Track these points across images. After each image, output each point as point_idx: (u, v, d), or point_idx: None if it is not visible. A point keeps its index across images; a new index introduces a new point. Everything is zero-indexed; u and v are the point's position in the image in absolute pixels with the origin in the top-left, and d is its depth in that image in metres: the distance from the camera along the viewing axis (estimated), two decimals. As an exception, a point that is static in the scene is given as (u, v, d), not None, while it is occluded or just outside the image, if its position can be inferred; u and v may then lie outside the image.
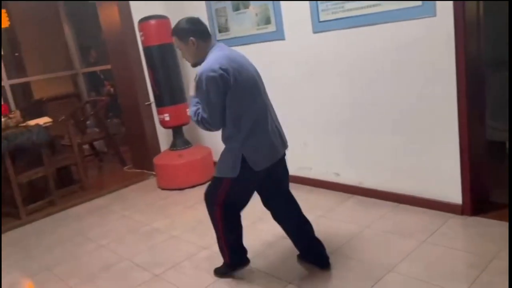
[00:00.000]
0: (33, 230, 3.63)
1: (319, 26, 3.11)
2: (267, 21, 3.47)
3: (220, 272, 2.46)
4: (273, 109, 2.28)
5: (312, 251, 2.42)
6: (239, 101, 2.06)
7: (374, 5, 2.75)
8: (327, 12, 3.03)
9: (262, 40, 3.58)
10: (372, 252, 2.48)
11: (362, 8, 2.81)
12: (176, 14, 4.15)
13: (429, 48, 2.62)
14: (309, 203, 3.28)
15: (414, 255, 2.38)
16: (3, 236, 3.56)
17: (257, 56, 3.64)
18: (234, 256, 2.39)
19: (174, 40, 2.17)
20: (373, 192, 3.16)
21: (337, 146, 3.32)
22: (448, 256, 2.33)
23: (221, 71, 1.98)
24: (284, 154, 2.32)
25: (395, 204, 3.01)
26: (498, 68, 3.19)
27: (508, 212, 2.60)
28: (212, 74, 1.99)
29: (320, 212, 3.09)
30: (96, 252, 3.02)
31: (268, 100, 2.26)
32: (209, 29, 2.20)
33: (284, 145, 2.29)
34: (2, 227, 3.64)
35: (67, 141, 4.41)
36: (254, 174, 2.11)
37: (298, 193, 3.46)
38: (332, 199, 3.29)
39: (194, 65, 2.21)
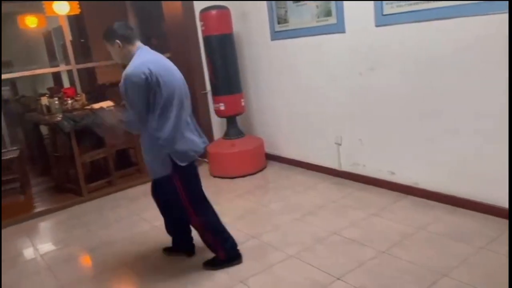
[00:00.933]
0: (93, 207, 3.85)
1: (383, 19, 3.02)
2: (328, 14, 3.42)
3: (211, 265, 2.53)
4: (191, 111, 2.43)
5: (185, 244, 2.69)
6: (164, 102, 2.18)
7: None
8: (392, 5, 2.93)
9: (321, 33, 3.53)
10: (425, 255, 2.40)
11: (430, 1, 2.69)
12: (236, 5, 4.23)
13: (500, 46, 2.46)
14: (361, 200, 3.24)
15: (471, 262, 2.27)
16: (67, 210, 3.81)
17: (315, 49, 3.65)
18: (227, 247, 2.51)
19: (103, 42, 2.36)
20: (429, 193, 3.04)
21: (394, 144, 3.22)
22: (507, 266, 2.20)
23: (145, 73, 2.12)
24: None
25: (453, 207, 2.89)
26: None
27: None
28: (136, 75, 2.13)
29: (373, 210, 3.02)
30: (151, 232, 3.16)
31: (188, 99, 2.38)
32: (133, 32, 2.35)
33: (204, 142, 2.45)
34: (67, 202, 3.90)
35: (127, 125, 4.61)
36: (188, 167, 2.31)
37: (350, 189, 3.46)
38: (385, 198, 3.21)
39: (123, 66, 2.31)
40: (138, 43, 2.34)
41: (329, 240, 2.70)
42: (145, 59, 2.21)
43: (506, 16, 2.37)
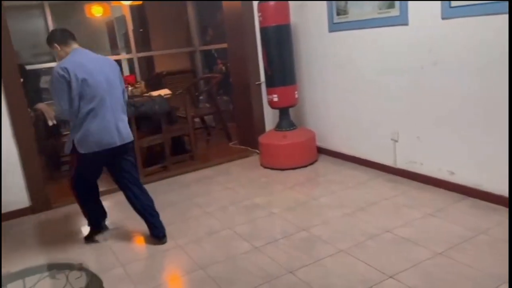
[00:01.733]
0: (149, 190, 3.97)
1: (450, 11, 2.88)
2: (390, 5, 3.31)
3: (86, 238, 3.07)
4: (118, 106, 2.73)
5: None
6: (79, 96, 2.55)
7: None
8: (461, -4, 2.78)
9: (382, 25, 3.42)
10: (485, 260, 2.28)
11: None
12: (296, -4, 4.19)
13: None
14: (417, 199, 3.14)
15: (537, 271, 2.14)
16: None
17: (375, 42, 3.55)
18: (92, 220, 3.04)
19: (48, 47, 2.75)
20: (491, 196, 2.89)
21: (455, 142, 3.08)
22: None
23: (63, 71, 2.51)
24: (122, 146, 2.74)
25: (517, 212, 2.73)
26: None
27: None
28: (55, 73, 2.54)
29: (429, 210, 2.92)
30: (202, 217, 3.25)
31: (113, 97, 2.69)
32: (70, 36, 2.72)
33: (120, 137, 2.71)
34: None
35: (182, 113, 4.75)
36: (85, 155, 2.64)
37: (405, 188, 3.36)
38: (443, 198, 3.08)
39: None
40: (74, 45, 2.70)
41: (381, 238, 2.65)
42: (70, 59, 2.59)
43: None
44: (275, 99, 4.13)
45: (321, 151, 4.40)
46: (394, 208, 3.05)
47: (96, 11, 6.67)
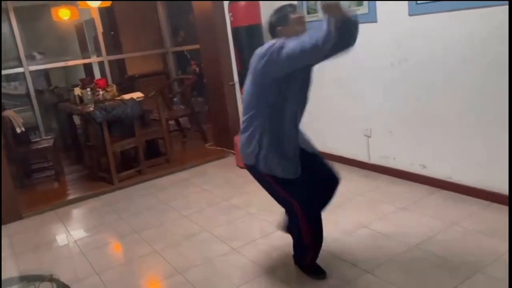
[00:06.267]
0: (123, 195, 3.94)
1: (416, 8, 2.94)
2: (359, 3, 3.35)
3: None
4: None
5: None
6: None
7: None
8: (427, -7, 2.84)
9: (352, 23, 3.46)
10: (458, 250, 2.34)
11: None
12: (266, -5, 4.18)
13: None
14: (391, 194, 3.19)
15: (505, 258, 2.20)
16: (99, 198, 3.92)
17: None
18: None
19: None
20: (462, 187, 2.96)
21: (426, 136, 3.15)
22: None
23: None
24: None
25: (487, 202, 2.80)
26: None
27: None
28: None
29: (402, 204, 2.97)
30: (179, 221, 3.21)
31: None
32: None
33: None
34: (98, 190, 4.01)
35: (156, 116, 4.69)
36: None
37: (379, 182, 3.41)
38: (416, 191, 3.14)
39: None
40: None
41: (357, 234, 2.67)
42: None
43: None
44: (249, 99, 4.11)
45: (297, 149, 4.41)
46: (369, 203, 3.09)
47: (64, 14, 6.50)
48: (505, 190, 2.71)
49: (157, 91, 5.17)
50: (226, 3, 4.15)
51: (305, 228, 2.16)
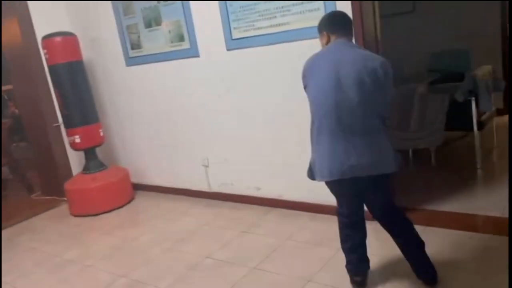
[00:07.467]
0: None
1: (232, 43, 3.16)
2: (181, 39, 3.44)
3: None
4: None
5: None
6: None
7: (280, 24, 2.87)
8: (239, 30, 3.08)
9: (177, 57, 3.53)
10: (292, 264, 2.52)
11: (270, 27, 2.91)
12: (84, 31, 3.99)
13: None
14: (232, 219, 3.28)
15: (331, 264, 2.45)
16: None
17: (173, 74, 3.63)
18: None
19: None
20: (292, 204, 3.23)
21: (257, 160, 3.35)
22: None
23: None
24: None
25: (313, 214, 3.10)
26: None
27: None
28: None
29: (243, 228, 3.08)
30: (-2, 292, 2.72)
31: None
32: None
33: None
34: None
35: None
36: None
37: (222, 210, 3.48)
38: (254, 213, 3.31)
39: None
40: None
41: (202, 266, 2.66)
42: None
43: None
44: (78, 140, 3.81)
45: (138, 187, 4.24)
46: (212, 232, 3.13)
47: None
48: (324, 201, 2.98)
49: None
50: (39, 39, 3.79)
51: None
